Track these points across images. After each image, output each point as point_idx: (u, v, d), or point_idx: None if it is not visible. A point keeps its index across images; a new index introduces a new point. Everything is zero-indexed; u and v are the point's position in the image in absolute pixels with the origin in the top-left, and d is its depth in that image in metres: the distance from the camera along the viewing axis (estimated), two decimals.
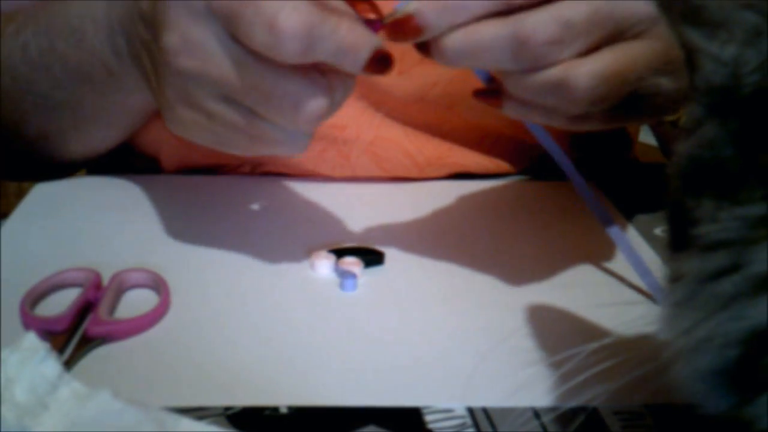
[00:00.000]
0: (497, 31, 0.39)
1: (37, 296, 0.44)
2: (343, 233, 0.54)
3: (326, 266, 0.49)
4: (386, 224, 0.55)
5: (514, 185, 0.64)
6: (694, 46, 0.28)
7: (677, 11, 0.28)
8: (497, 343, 0.42)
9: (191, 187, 0.61)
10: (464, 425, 0.36)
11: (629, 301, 0.46)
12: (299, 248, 0.51)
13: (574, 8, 0.39)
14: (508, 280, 0.49)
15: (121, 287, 0.46)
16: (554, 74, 0.40)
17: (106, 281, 0.46)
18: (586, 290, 0.48)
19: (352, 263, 0.49)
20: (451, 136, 0.64)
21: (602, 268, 0.51)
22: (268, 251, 0.51)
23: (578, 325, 0.44)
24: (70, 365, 0.39)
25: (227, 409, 0.37)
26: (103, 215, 0.56)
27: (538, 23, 0.39)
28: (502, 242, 0.54)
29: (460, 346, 0.42)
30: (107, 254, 0.50)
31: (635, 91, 0.42)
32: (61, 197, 0.59)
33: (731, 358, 0.27)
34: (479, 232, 0.56)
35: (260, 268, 0.50)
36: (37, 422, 0.32)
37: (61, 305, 0.43)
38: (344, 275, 0.48)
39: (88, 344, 0.40)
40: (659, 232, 0.54)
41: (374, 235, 0.54)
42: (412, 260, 0.51)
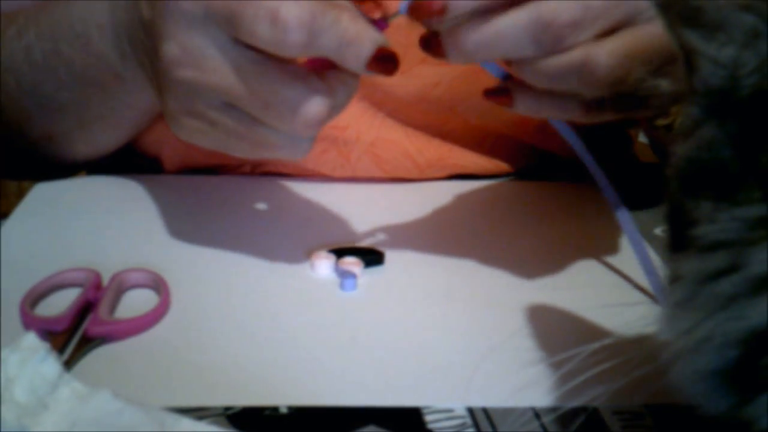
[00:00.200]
0: (518, 16, 0.39)
1: (37, 296, 0.44)
2: (343, 233, 0.54)
3: (326, 266, 0.49)
4: (386, 224, 0.55)
5: (514, 185, 0.64)
6: (692, 47, 0.28)
7: (676, 13, 0.28)
8: (497, 343, 0.42)
9: (191, 187, 0.61)
10: (464, 425, 0.36)
11: (629, 301, 0.47)
12: (299, 248, 0.51)
13: None
14: (508, 280, 0.49)
15: (121, 287, 0.46)
16: (575, 56, 0.40)
17: (106, 281, 0.46)
18: (586, 290, 0.48)
19: (352, 263, 0.49)
20: (451, 137, 0.64)
21: (602, 268, 0.51)
22: (268, 251, 0.51)
23: (578, 325, 0.44)
24: (70, 365, 0.39)
25: (227, 409, 0.37)
26: (103, 215, 0.56)
27: (559, 6, 0.39)
28: (501, 242, 0.54)
29: (460, 346, 0.42)
30: (107, 254, 0.50)
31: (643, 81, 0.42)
32: (61, 197, 0.59)
33: (731, 358, 0.27)
34: (479, 232, 0.56)
35: (260, 268, 0.50)
36: (37, 422, 0.32)
37: (61, 305, 0.43)
38: (344, 275, 0.48)
39: (88, 344, 0.41)
40: (659, 232, 0.54)
41: (374, 235, 0.54)
42: (412, 260, 0.51)
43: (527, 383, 0.39)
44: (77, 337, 0.41)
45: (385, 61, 0.40)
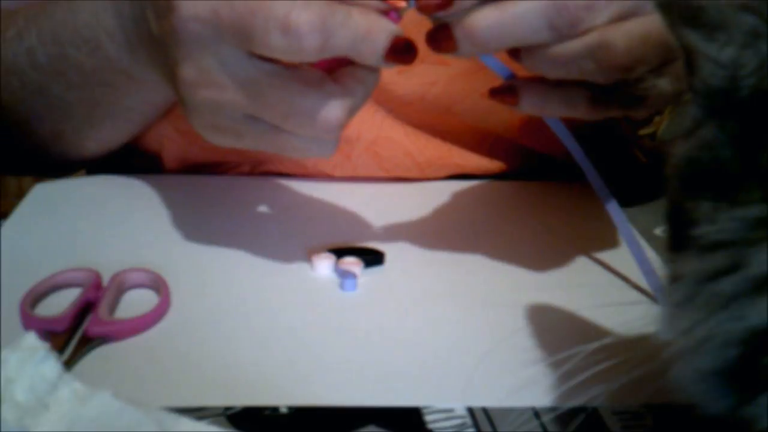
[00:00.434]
0: (532, 1, 0.39)
1: (37, 296, 0.44)
2: (343, 233, 0.54)
3: (326, 266, 0.49)
4: (386, 224, 0.55)
5: (514, 185, 0.64)
6: (692, 47, 0.28)
7: (676, 13, 0.28)
8: (497, 343, 0.42)
9: (191, 187, 0.61)
10: (464, 425, 0.36)
11: (629, 301, 0.47)
12: (299, 248, 0.51)
13: None
14: (507, 280, 0.49)
15: (121, 287, 0.46)
16: (591, 39, 0.40)
17: (106, 281, 0.46)
18: (586, 290, 0.48)
19: (352, 263, 0.49)
20: (451, 136, 0.64)
21: (602, 268, 0.51)
22: (268, 251, 0.51)
23: (578, 324, 0.44)
24: (70, 365, 0.39)
25: (227, 409, 0.37)
26: (103, 215, 0.56)
27: None
28: (501, 242, 0.54)
29: (460, 346, 0.42)
30: (107, 254, 0.50)
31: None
32: (61, 197, 0.59)
33: (731, 358, 0.27)
34: (479, 232, 0.56)
35: (260, 268, 0.50)
36: (37, 422, 0.32)
37: (61, 305, 0.43)
38: (344, 275, 0.48)
39: (88, 344, 0.41)
40: (659, 232, 0.54)
41: (374, 235, 0.54)
42: (412, 260, 0.51)
43: (527, 383, 0.39)
44: (77, 337, 0.41)
45: (402, 51, 0.40)
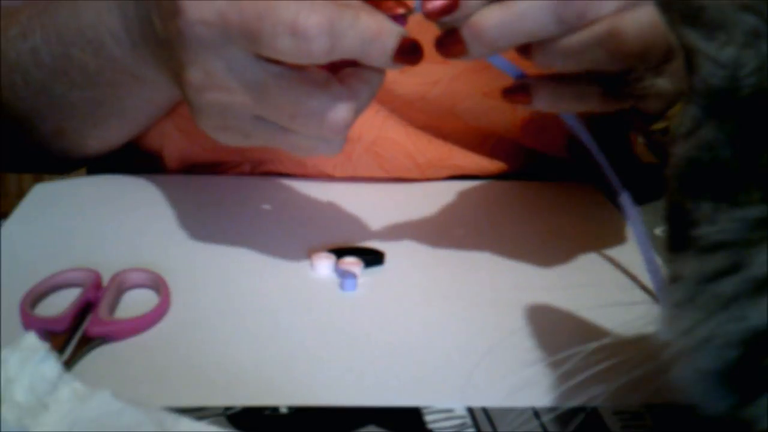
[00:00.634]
0: None
1: (37, 296, 0.44)
2: (343, 233, 0.54)
3: (326, 266, 0.49)
4: (386, 224, 0.55)
5: (514, 186, 0.64)
6: (693, 47, 0.28)
7: (677, 12, 0.28)
8: (497, 342, 0.42)
9: (191, 187, 0.61)
10: (464, 425, 0.36)
11: (629, 301, 0.46)
12: (299, 248, 0.51)
13: None
14: (507, 280, 0.49)
15: (121, 287, 0.46)
16: (600, 28, 0.40)
17: (106, 281, 0.46)
18: (585, 290, 0.48)
19: (352, 263, 0.49)
20: (452, 137, 0.64)
21: (602, 268, 0.51)
22: (268, 251, 0.51)
23: (578, 324, 0.44)
24: (70, 365, 0.39)
25: (227, 409, 0.37)
26: (103, 215, 0.56)
27: None
28: (501, 242, 0.54)
29: (460, 346, 0.42)
30: (107, 254, 0.50)
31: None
32: (61, 197, 0.59)
33: (731, 358, 0.27)
34: (479, 232, 0.56)
35: (260, 268, 0.50)
36: (37, 422, 0.32)
37: (61, 305, 0.43)
38: (344, 275, 0.48)
39: (88, 344, 0.40)
40: (659, 232, 0.54)
41: (374, 235, 0.54)
42: (412, 260, 0.51)
43: (527, 383, 0.39)
44: (77, 337, 0.41)
45: (409, 51, 0.40)
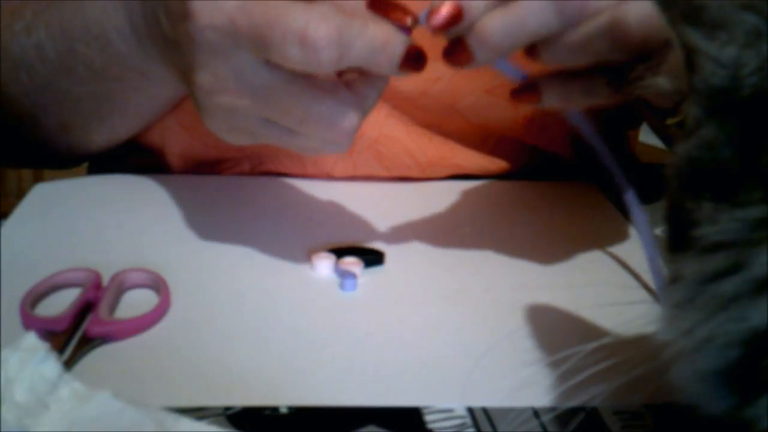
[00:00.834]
0: None
1: (37, 296, 0.44)
2: (343, 233, 0.54)
3: (326, 266, 0.49)
4: (386, 224, 0.55)
5: (514, 185, 0.64)
6: (694, 46, 0.28)
7: (678, 11, 0.28)
8: (497, 342, 0.42)
9: (191, 186, 0.61)
10: (464, 425, 0.36)
11: (629, 300, 0.46)
12: (299, 248, 0.51)
13: None
14: (507, 280, 0.49)
15: (121, 287, 0.46)
16: (602, 20, 0.40)
17: (106, 281, 0.46)
18: (585, 290, 0.48)
19: (352, 263, 0.49)
20: (453, 136, 0.64)
21: (602, 267, 0.51)
22: (268, 251, 0.51)
23: (578, 324, 0.44)
24: (70, 365, 0.39)
25: (227, 409, 0.37)
26: (103, 215, 0.56)
27: None
28: (501, 242, 0.54)
29: (459, 346, 0.42)
30: (107, 254, 0.50)
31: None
32: (61, 197, 0.59)
33: (731, 359, 0.27)
34: (479, 232, 0.56)
35: (260, 268, 0.50)
36: (37, 422, 0.32)
37: (61, 305, 0.43)
38: (344, 275, 0.48)
39: (88, 344, 0.40)
40: (659, 232, 0.54)
41: (374, 235, 0.54)
42: (412, 260, 0.51)
43: (527, 383, 0.39)
44: (77, 337, 0.41)
45: (415, 59, 0.41)
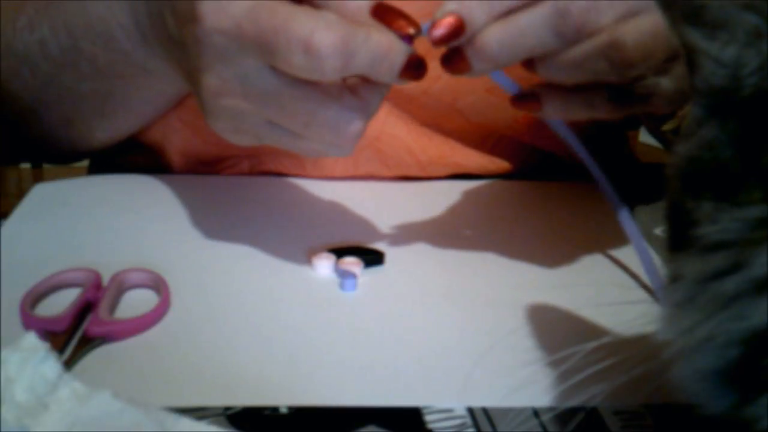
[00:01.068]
0: (535, 11, 0.40)
1: (37, 296, 0.44)
2: (343, 233, 0.54)
3: (326, 266, 0.49)
4: (386, 224, 0.55)
5: (514, 185, 0.64)
6: (694, 46, 0.28)
7: (678, 11, 0.28)
8: (497, 342, 0.42)
9: (191, 186, 0.61)
10: (464, 425, 0.36)
11: (629, 300, 0.46)
12: (299, 248, 0.51)
13: None
14: (507, 279, 0.49)
15: (121, 287, 0.46)
16: (601, 39, 0.40)
17: (106, 281, 0.46)
18: (585, 289, 0.48)
19: (352, 263, 0.49)
20: (453, 135, 0.64)
21: (602, 267, 0.51)
22: (268, 251, 0.51)
23: (578, 324, 0.44)
24: (70, 365, 0.39)
25: (227, 409, 0.37)
26: (103, 215, 0.56)
27: None
28: (501, 242, 0.54)
29: (459, 346, 0.42)
30: (107, 254, 0.50)
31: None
32: (61, 197, 0.59)
33: (732, 358, 0.27)
34: (479, 232, 0.56)
35: (260, 268, 0.50)
36: (37, 422, 0.32)
37: (61, 305, 0.43)
38: (344, 275, 0.48)
39: (88, 344, 0.40)
40: (659, 232, 0.54)
41: (374, 235, 0.54)
42: (412, 260, 0.51)
43: (527, 382, 0.39)
44: (77, 337, 0.41)
45: (415, 67, 0.41)
